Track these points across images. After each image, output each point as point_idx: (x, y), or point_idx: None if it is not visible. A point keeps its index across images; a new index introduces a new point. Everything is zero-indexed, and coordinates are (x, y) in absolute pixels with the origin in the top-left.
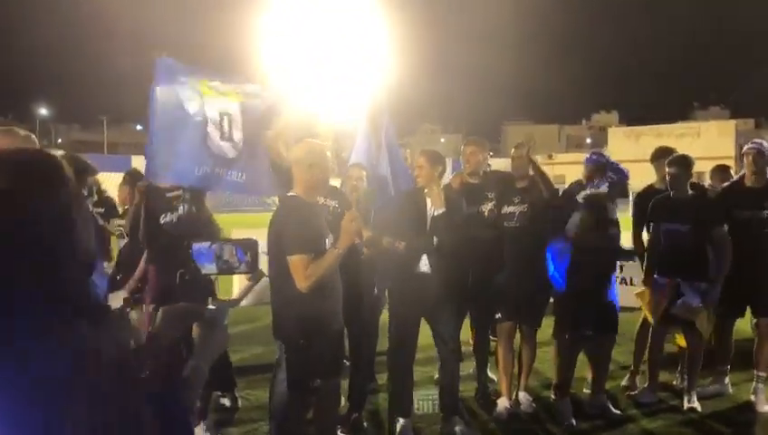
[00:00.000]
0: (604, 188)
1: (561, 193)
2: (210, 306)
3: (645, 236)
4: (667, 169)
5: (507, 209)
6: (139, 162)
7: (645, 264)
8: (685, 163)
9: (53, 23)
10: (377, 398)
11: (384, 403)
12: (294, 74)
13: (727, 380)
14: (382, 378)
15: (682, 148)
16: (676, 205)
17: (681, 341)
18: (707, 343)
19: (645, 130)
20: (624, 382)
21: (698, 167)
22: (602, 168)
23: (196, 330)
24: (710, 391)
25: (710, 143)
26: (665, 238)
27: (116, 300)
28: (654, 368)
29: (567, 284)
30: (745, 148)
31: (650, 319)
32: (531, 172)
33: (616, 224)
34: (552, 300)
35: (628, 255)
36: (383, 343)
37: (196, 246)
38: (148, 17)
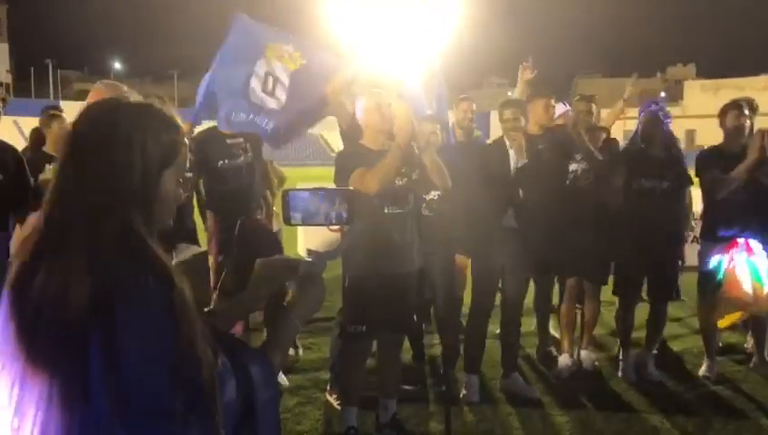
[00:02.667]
0: None
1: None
2: (307, 258)
3: None
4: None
5: (570, 167)
6: None
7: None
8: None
9: None
10: (434, 350)
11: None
12: (359, 27)
13: None
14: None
15: (765, 102)
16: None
17: (723, 323)
18: None
19: (724, 83)
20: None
21: None
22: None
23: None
24: None
25: None
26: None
27: (183, 253)
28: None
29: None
30: None
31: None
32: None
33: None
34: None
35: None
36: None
37: (292, 193)
38: None
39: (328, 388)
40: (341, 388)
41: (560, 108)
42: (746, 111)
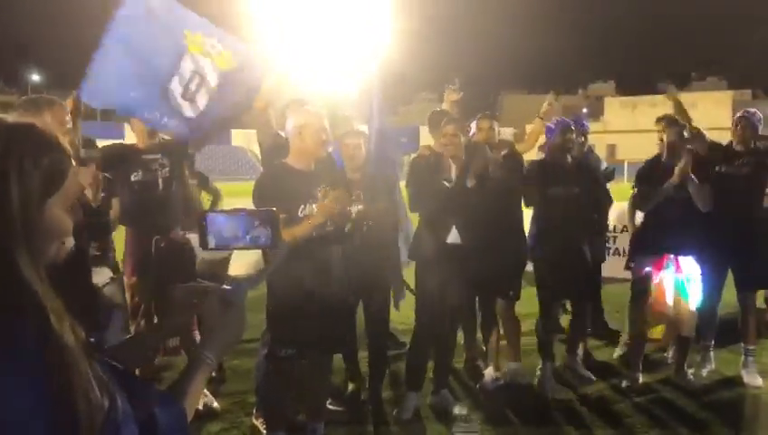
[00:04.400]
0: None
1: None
2: (225, 286)
3: None
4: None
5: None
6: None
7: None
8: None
9: None
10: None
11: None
12: (286, 41)
13: (712, 354)
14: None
15: None
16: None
17: (655, 333)
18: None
19: (641, 100)
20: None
21: None
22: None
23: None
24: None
25: (706, 114)
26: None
27: (100, 276)
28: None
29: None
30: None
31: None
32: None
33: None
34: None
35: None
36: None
37: (210, 215)
38: None
39: (254, 412)
40: (268, 412)
41: (474, 125)
42: (685, 133)
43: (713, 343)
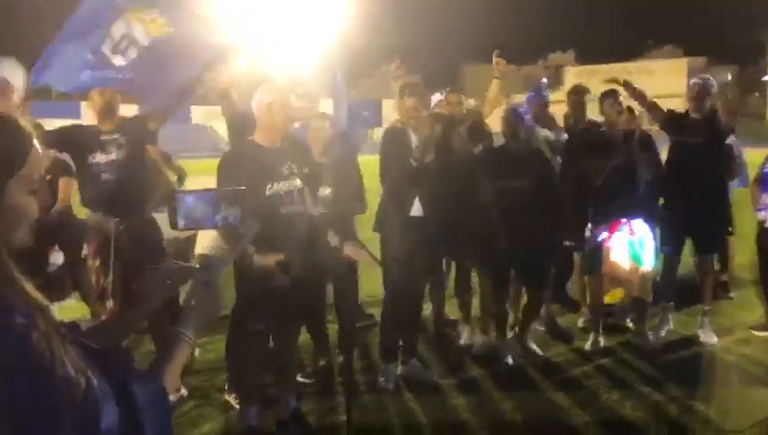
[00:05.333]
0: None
1: None
2: (196, 265)
3: None
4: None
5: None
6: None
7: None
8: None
9: None
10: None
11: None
12: (247, 20)
13: (670, 316)
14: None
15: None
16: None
17: (610, 298)
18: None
19: (598, 69)
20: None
21: None
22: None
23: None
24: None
25: (662, 81)
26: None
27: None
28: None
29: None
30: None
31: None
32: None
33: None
34: None
35: None
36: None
37: (179, 195)
38: None
39: (226, 388)
40: (240, 387)
41: (435, 97)
42: (620, 98)
43: (672, 304)
